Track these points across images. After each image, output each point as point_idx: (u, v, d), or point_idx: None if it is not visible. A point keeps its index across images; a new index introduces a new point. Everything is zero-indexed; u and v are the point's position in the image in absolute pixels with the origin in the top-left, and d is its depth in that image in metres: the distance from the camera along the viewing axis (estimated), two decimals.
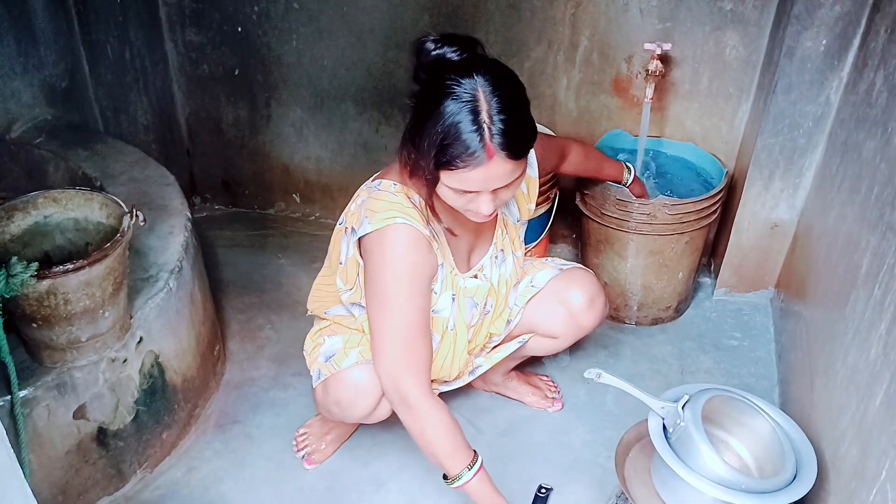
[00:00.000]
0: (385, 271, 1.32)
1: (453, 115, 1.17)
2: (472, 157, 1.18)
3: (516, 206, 1.53)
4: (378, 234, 1.31)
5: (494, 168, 1.19)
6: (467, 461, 1.35)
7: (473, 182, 1.21)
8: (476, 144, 1.17)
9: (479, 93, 1.17)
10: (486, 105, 1.17)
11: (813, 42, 1.75)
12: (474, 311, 1.51)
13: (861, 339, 1.30)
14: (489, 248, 1.50)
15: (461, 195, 1.25)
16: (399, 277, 1.32)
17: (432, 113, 1.18)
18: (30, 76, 1.94)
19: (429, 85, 1.22)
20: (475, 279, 1.49)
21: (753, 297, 2.16)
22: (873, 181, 1.41)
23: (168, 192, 1.87)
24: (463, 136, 1.17)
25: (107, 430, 1.52)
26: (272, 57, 2.33)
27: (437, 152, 1.19)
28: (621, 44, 2.04)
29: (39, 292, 1.29)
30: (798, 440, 1.38)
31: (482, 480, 1.36)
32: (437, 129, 1.18)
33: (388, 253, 1.31)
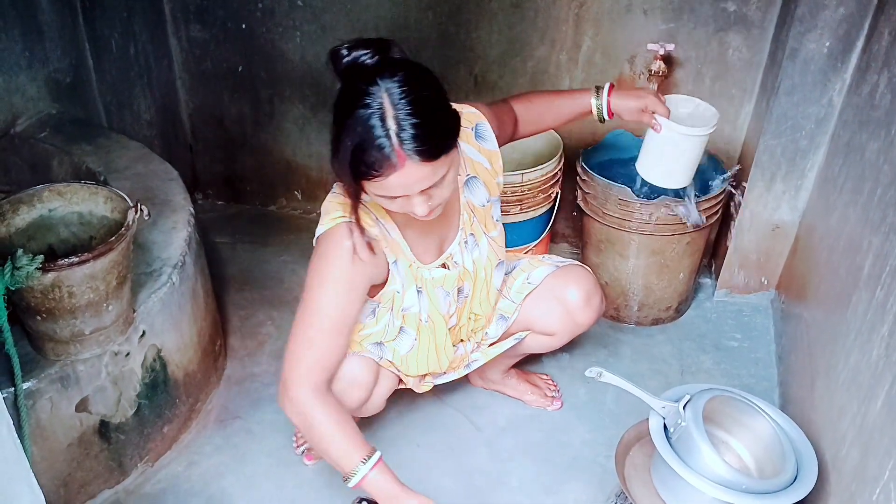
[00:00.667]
0: (318, 270, 1.35)
1: (361, 123, 1.15)
2: (385, 165, 1.15)
3: (482, 186, 1.49)
4: (324, 235, 1.34)
5: (410, 173, 1.17)
6: (362, 456, 1.31)
7: (395, 188, 1.19)
8: (386, 152, 1.15)
9: (384, 99, 1.15)
10: (392, 111, 1.15)
11: (816, 44, 1.75)
12: (448, 300, 1.50)
13: (863, 341, 1.30)
14: (457, 234, 1.48)
15: (392, 200, 1.24)
16: (321, 276, 1.34)
17: (344, 123, 1.17)
18: (34, 71, 1.95)
19: (341, 93, 1.21)
20: (443, 269, 1.47)
21: (754, 298, 2.16)
22: (876, 183, 1.41)
23: (171, 187, 1.87)
24: (372, 144, 1.15)
25: (109, 424, 1.53)
26: (275, 54, 2.33)
27: (351, 163, 1.18)
28: (624, 44, 2.05)
29: (44, 285, 1.29)
30: (798, 441, 1.38)
31: (382, 475, 1.31)
32: (347, 140, 1.16)
33: (322, 251, 1.34)
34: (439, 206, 1.28)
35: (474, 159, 1.47)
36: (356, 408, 1.49)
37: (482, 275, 1.54)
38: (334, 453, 1.33)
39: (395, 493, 1.31)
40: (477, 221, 1.50)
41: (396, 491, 1.31)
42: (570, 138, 2.19)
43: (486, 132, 1.48)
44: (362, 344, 1.49)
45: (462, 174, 1.45)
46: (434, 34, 2.18)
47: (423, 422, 1.80)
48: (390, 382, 1.54)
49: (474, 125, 1.46)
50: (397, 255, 1.40)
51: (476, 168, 1.47)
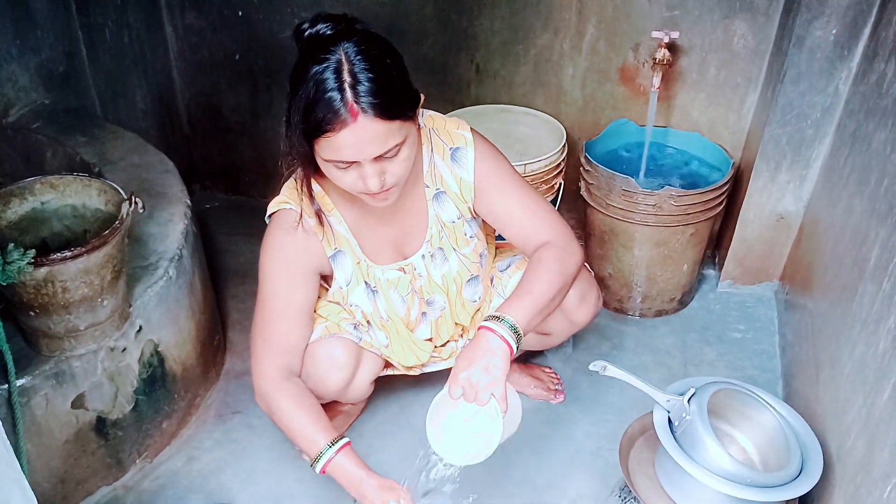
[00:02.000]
0: (262, 253, 1.38)
1: (315, 79, 1.13)
2: (337, 118, 1.13)
3: (451, 203, 1.43)
4: (270, 221, 1.39)
5: (363, 129, 1.14)
6: (328, 440, 1.31)
7: (347, 149, 1.16)
8: (338, 104, 1.12)
9: (342, 56, 1.14)
10: (347, 65, 1.13)
11: (823, 31, 1.72)
12: (405, 306, 1.49)
13: (869, 333, 1.28)
14: (422, 246, 1.45)
15: (346, 171, 1.20)
16: (263, 267, 1.37)
17: (298, 86, 1.16)
18: (27, 60, 1.91)
19: (298, 61, 1.19)
20: (399, 272, 1.46)
21: (758, 289, 2.14)
22: (883, 173, 1.39)
23: (167, 178, 1.85)
24: (325, 97, 1.12)
25: (106, 420, 1.51)
26: (273, 42, 2.30)
27: (303, 118, 1.15)
28: (628, 32, 2.02)
29: (37, 280, 1.27)
30: (803, 434, 1.37)
31: (348, 459, 1.31)
32: (301, 96, 1.14)
33: (268, 237, 1.38)
34: (394, 188, 1.25)
35: (444, 177, 1.41)
36: (339, 391, 1.48)
37: (453, 288, 1.52)
38: (300, 438, 1.34)
39: (360, 478, 1.30)
40: (447, 237, 1.46)
41: (362, 475, 1.30)
42: (574, 128, 2.17)
43: (464, 158, 1.39)
44: (340, 325, 1.48)
45: (432, 186, 1.41)
46: (435, 21, 2.14)
47: (426, 416, 1.78)
48: (375, 366, 1.53)
49: (454, 147, 1.39)
50: (341, 249, 1.40)
51: (445, 186, 1.42)
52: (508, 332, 1.24)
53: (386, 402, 1.80)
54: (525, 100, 2.18)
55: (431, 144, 1.39)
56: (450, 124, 1.39)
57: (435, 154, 1.39)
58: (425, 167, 1.39)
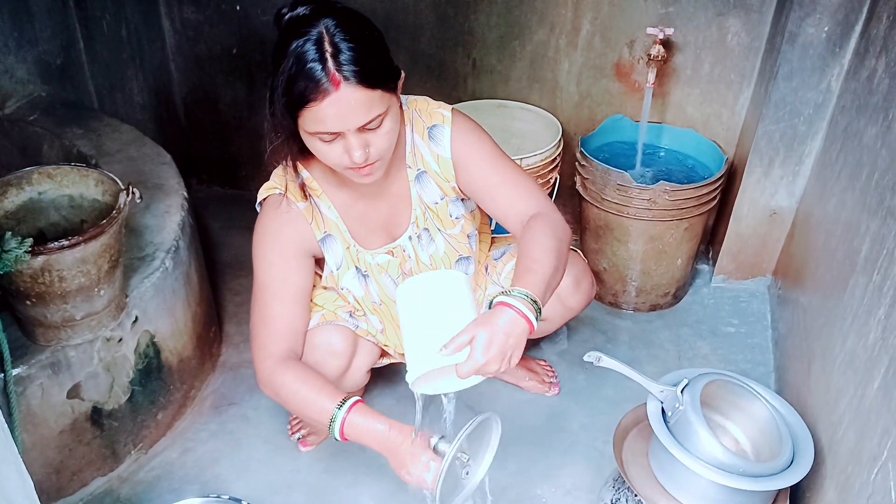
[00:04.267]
0: (255, 239, 1.38)
1: (296, 51, 1.14)
2: (319, 88, 1.13)
3: (433, 184, 1.42)
4: (260, 207, 1.40)
5: (345, 97, 1.14)
6: (336, 402, 1.24)
7: (330, 119, 1.16)
8: (320, 73, 1.13)
9: (322, 28, 1.15)
10: (328, 37, 1.14)
11: (815, 28, 1.74)
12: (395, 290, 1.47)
13: (860, 324, 1.30)
14: (408, 227, 1.46)
15: (331, 145, 1.20)
16: (263, 245, 1.37)
17: (279, 63, 1.16)
18: (24, 52, 1.92)
19: (278, 41, 1.20)
20: (388, 255, 1.46)
21: (751, 283, 2.16)
22: (874, 167, 1.41)
23: (164, 170, 1.85)
24: (306, 67, 1.13)
25: (101, 410, 1.51)
26: (271, 36, 2.28)
27: (285, 91, 1.15)
28: (623, 28, 2.03)
29: (34, 269, 1.27)
30: (795, 424, 1.38)
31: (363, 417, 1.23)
32: (282, 71, 1.15)
33: (260, 222, 1.38)
34: (379, 162, 1.25)
35: (424, 156, 1.41)
36: (336, 379, 1.48)
37: (442, 269, 1.52)
38: (310, 411, 1.27)
39: (382, 434, 1.22)
40: (432, 218, 1.46)
41: (382, 430, 1.22)
42: (569, 123, 2.18)
43: (440, 135, 1.39)
44: (336, 313, 1.48)
45: (413, 167, 1.42)
46: (432, 17, 2.15)
47: (421, 408, 1.78)
48: (371, 355, 1.53)
49: (432, 125, 1.39)
50: (330, 233, 1.40)
51: (426, 165, 1.42)
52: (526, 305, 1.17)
53: (381, 395, 1.81)
54: (521, 95, 2.19)
55: (413, 125, 1.40)
56: (432, 105, 1.41)
57: (415, 134, 1.40)
58: (407, 148, 1.40)
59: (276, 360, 1.33)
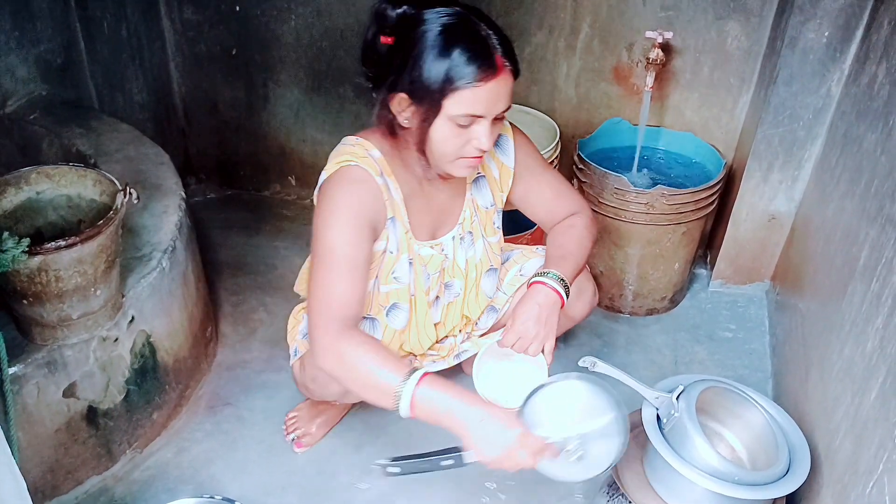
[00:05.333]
0: (325, 206, 1.30)
1: (456, 35, 1.19)
2: (487, 70, 1.19)
3: (488, 189, 1.50)
4: (328, 179, 1.34)
5: (502, 83, 1.21)
6: (401, 377, 1.18)
7: (482, 101, 1.21)
8: (490, 56, 1.19)
9: (467, 15, 1.21)
10: (476, 22, 1.21)
11: (815, 33, 1.74)
12: (429, 284, 1.48)
13: (857, 332, 1.30)
14: (454, 227, 1.47)
15: (461, 131, 1.24)
16: (327, 217, 1.29)
17: (429, 44, 1.19)
18: (25, 51, 1.92)
19: (407, 32, 1.22)
20: (432, 249, 1.46)
21: (749, 289, 2.15)
22: (873, 174, 1.40)
23: (162, 171, 1.85)
24: (480, 49, 1.19)
25: (97, 409, 1.51)
26: (270, 37, 2.30)
27: (447, 74, 1.19)
28: (622, 31, 2.03)
29: (31, 269, 1.27)
30: (792, 433, 1.38)
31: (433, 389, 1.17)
32: (441, 53, 1.18)
33: (332, 189, 1.32)
34: (486, 153, 1.31)
35: (487, 163, 1.48)
36: (342, 393, 1.48)
37: (473, 275, 1.53)
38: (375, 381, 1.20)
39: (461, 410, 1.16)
40: (478, 221, 1.50)
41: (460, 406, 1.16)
42: (567, 126, 2.18)
43: (507, 146, 1.48)
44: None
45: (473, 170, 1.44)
46: None
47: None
48: None
49: (499, 136, 1.45)
50: (395, 215, 1.39)
51: (486, 171, 1.48)
52: (558, 284, 1.38)
53: None
54: (519, 97, 2.19)
55: None
56: None
57: None
58: None
59: (341, 327, 1.25)
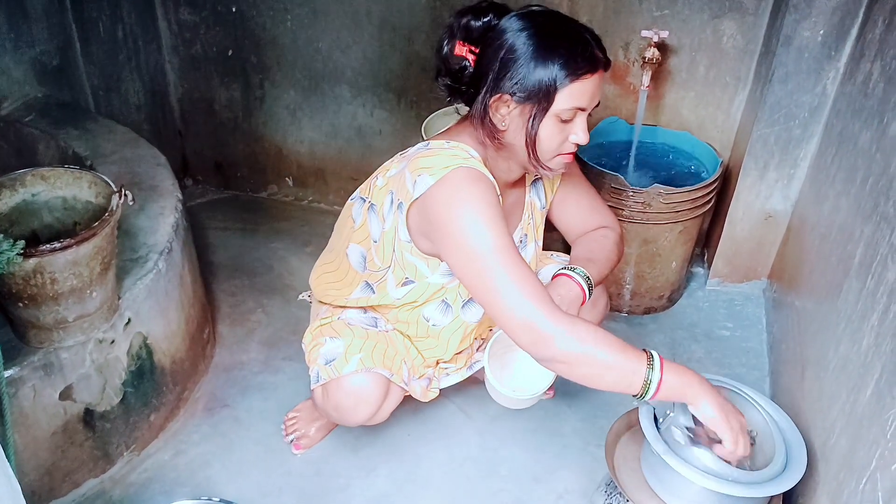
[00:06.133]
0: (461, 208, 1.23)
1: (558, 33, 1.23)
2: (595, 64, 1.24)
3: (543, 191, 1.52)
4: (441, 183, 1.24)
5: (600, 78, 1.26)
6: (644, 359, 1.19)
7: (587, 93, 1.25)
8: (597, 51, 1.24)
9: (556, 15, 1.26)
10: (569, 21, 1.26)
11: (811, 32, 1.74)
12: None
13: (853, 330, 1.30)
14: (516, 230, 1.49)
15: (562, 129, 1.27)
16: (479, 207, 1.23)
17: (531, 45, 1.22)
18: (20, 53, 1.92)
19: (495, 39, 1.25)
20: None
21: (746, 287, 2.16)
22: (868, 171, 1.40)
23: (159, 172, 1.85)
24: (588, 45, 1.23)
25: (93, 412, 1.51)
26: (266, 38, 2.30)
27: (557, 70, 1.22)
28: (618, 31, 2.03)
29: (26, 271, 1.27)
30: (788, 430, 1.38)
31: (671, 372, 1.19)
32: (548, 52, 1.21)
33: (459, 191, 1.24)
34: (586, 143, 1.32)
35: None
36: (363, 422, 1.46)
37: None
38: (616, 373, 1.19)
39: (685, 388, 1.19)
40: (533, 225, 1.51)
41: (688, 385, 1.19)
42: None
43: None
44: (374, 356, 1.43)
45: (532, 173, 1.45)
46: (427, 19, 2.15)
47: (415, 411, 1.79)
48: (398, 396, 1.51)
49: None
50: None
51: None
52: (583, 280, 1.39)
53: None
54: None
55: None
56: None
57: None
58: None
59: (561, 312, 1.20)
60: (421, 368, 1.55)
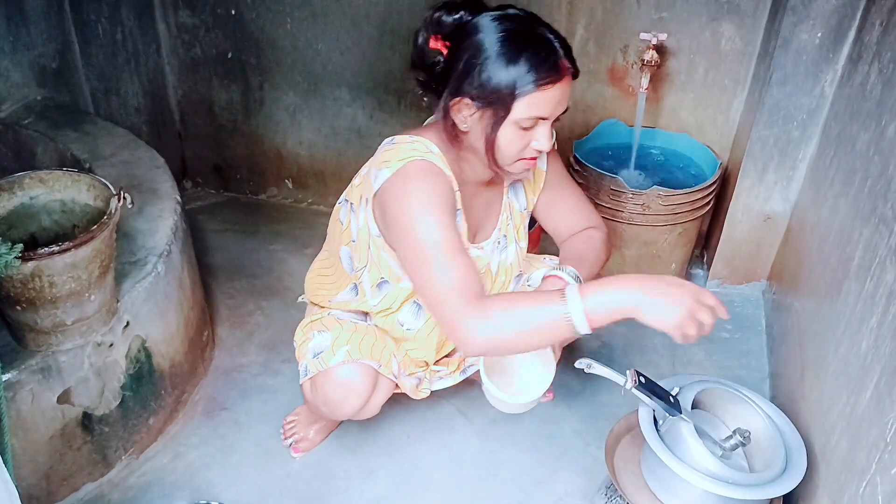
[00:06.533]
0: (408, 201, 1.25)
1: (522, 40, 1.20)
2: (558, 72, 1.20)
3: (524, 192, 1.51)
4: (395, 175, 1.27)
5: (566, 85, 1.23)
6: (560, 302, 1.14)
7: (548, 103, 1.22)
8: (562, 59, 1.21)
9: (528, 19, 1.23)
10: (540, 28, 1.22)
11: (808, 34, 1.74)
12: None
13: (852, 332, 1.30)
14: (493, 231, 1.48)
15: (523, 133, 1.24)
16: (423, 204, 1.24)
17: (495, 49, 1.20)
18: (20, 56, 1.92)
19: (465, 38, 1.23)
20: (480, 251, 1.46)
21: (746, 289, 2.15)
22: (867, 173, 1.41)
23: (158, 174, 1.85)
24: (552, 53, 1.20)
25: (92, 416, 1.51)
26: (266, 40, 2.30)
27: (516, 78, 1.19)
28: (617, 33, 2.03)
29: (24, 274, 1.27)
30: (788, 433, 1.38)
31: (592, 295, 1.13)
32: (509, 58, 1.19)
33: (409, 185, 1.26)
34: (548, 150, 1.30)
35: None
36: (352, 414, 1.46)
37: (502, 279, 1.52)
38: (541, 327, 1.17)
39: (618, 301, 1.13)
40: (512, 226, 1.50)
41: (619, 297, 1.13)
42: (563, 128, 2.18)
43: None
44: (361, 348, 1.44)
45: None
46: None
47: (415, 413, 1.79)
48: (387, 390, 1.51)
49: None
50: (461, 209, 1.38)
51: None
52: (573, 280, 1.39)
53: None
54: None
55: None
56: None
57: None
58: None
59: (470, 301, 1.20)
60: (411, 367, 1.56)
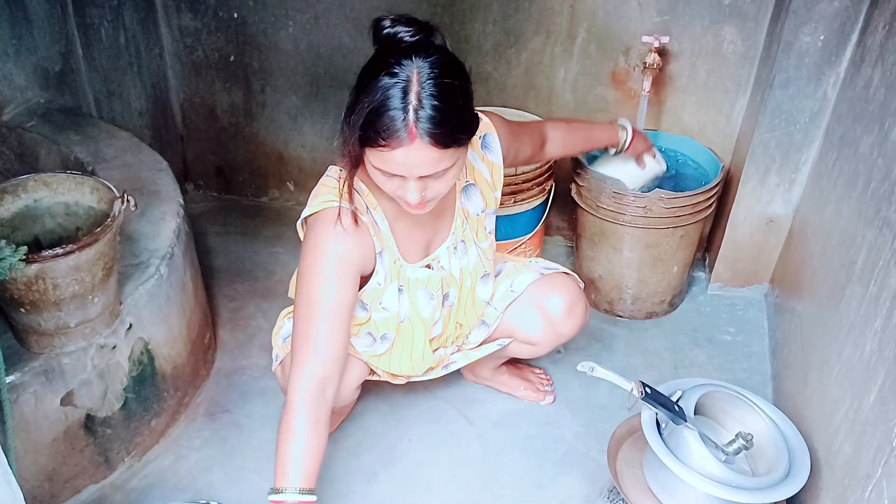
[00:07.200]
0: (310, 253, 1.31)
1: (383, 90, 1.15)
2: (394, 137, 1.14)
3: (479, 194, 1.48)
4: (312, 218, 1.33)
5: (416, 152, 1.16)
6: (297, 484, 1.23)
7: (396, 164, 1.18)
8: (399, 124, 1.14)
9: (414, 74, 1.15)
10: (417, 87, 1.14)
11: (811, 37, 1.74)
12: (432, 304, 1.47)
13: (856, 335, 1.29)
14: (447, 238, 1.47)
15: (389, 178, 1.22)
16: (320, 260, 1.30)
17: (366, 85, 1.17)
18: (23, 59, 1.92)
19: (373, 59, 1.20)
20: (427, 269, 1.45)
21: (748, 292, 2.15)
22: (870, 177, 1.40)
23: (160, 177, 1.85)
24: (388, 113, 1.14)
25: (95, 418, 1.51)
26: (268, 43, 2.30)
27: (362, 126, 1.16)
28: (619, 36, 2.03)
29: (28, 277, 1.27)
30: (791, 436, 1.38)
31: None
32: (365, 102, 1.16)
33: (316, 236, 1.31)
34: (433, 200, 1.26)
35: (476, 167, 1.46)
36: None
37: (468, 283, 1.53)
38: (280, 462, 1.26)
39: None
40: (469, 229, 1.49)
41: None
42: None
43: (493, 143, 1.47)
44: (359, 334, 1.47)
45: (462, 179, 1.44)
46: None
47: (416, 416, 1.79)
48: (359, 371, 1.51)
49: (483, 134, 1.45)
50: (384, 247, 1.38)
51: (476, 176, 1.47)
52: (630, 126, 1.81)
53: (375, 402, 1.81)
54: (517, 103, 2.19)
55: None
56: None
57: (471, 150, 1.40)
58: None
59: (308, 392, 1.26)
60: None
